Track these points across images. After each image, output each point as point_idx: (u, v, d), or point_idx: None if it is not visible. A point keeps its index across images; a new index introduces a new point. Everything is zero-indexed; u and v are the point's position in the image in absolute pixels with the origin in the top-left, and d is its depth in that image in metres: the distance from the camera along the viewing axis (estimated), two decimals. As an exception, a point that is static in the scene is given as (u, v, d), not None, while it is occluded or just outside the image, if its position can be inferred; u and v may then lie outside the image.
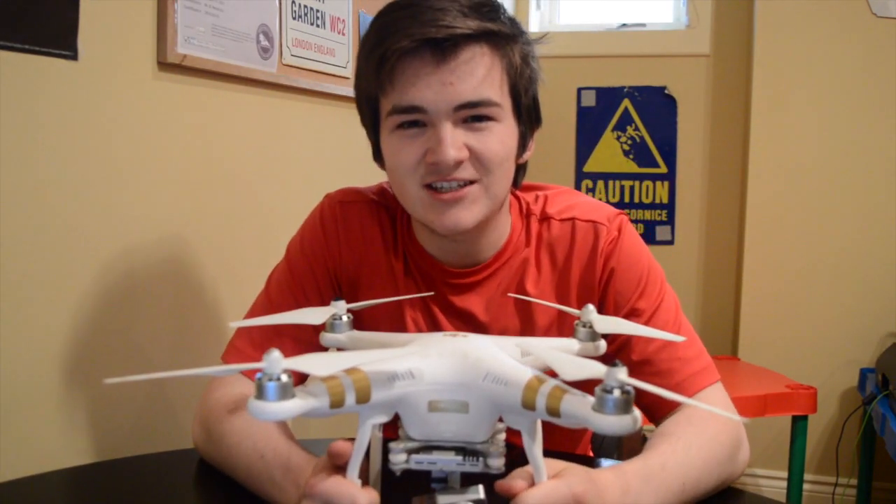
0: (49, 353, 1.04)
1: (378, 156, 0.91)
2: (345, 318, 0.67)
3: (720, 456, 0.82)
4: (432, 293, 0.93)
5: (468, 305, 0.93)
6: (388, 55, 0.80)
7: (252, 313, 0.98)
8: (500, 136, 0.83)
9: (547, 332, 0.93)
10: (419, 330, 0.93)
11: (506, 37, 0.83)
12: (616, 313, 0.90)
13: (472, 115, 0.82)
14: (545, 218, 0.94)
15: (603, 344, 0.66)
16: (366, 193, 0.99)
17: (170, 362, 1.24)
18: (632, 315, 0.90)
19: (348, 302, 0.79)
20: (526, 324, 0.93)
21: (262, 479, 0.76)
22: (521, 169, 0.91)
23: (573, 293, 0.92)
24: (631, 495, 0.69)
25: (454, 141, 0.80)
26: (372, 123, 0.89)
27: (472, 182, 0.83)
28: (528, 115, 0.88)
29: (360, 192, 0.99)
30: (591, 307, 0.66)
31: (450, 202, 0.83)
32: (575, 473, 0.62)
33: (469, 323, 0.93)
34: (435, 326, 0.94)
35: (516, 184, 0.92)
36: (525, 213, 0.95)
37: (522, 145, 0.89)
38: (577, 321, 0.66)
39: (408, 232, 0.96)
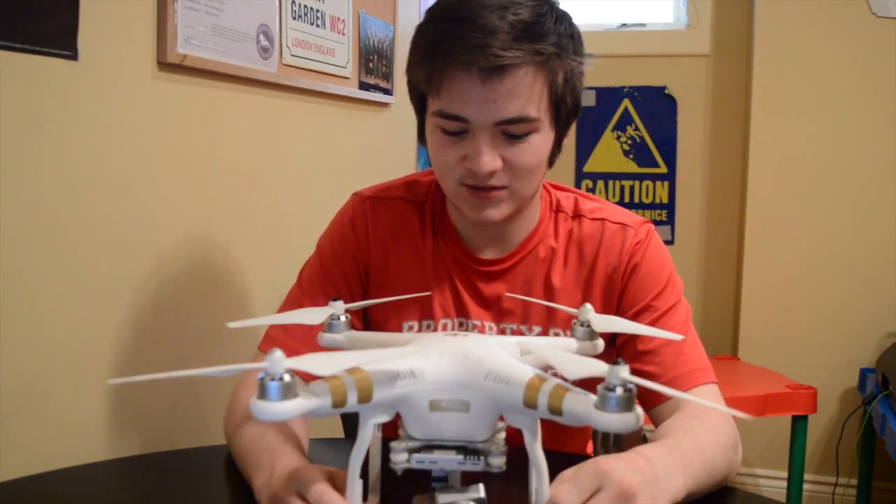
0: (50, 353, 1.04)
1: (422, 137, 0.95)
2: (343, 318, 0.68)
3: (726, 442, 0.85)
4: (429, 293, 0.97)
5: (495, 293, 0.98)
6: (435, 72, 0.84)
7: (287, 305, 1.02)
8: (536, 147, 0.88)
9: (568, 322, 0.95)
10: (446, 315, 0.98)
11: (552, 57, 0.85)
12: (631, 308, 0.95)
13: (512, 131, 0.85)
14: (577, 215, 1.00)
15: (601, 343, 0.66)
16: (393, 190, 1.03)
17: (173, 361, 1.24)
18: (645, 310, 0.95)
19: (377, 294, 0.80)
20: (550, 313, 0.97)
21: (250, 459, 0.78)
22: (555, 151, 0.95)
23: (598, 288, 0.97)
24: (657, 465, 0.69)
25: (490, 154, 0.85)
26: (419, 109, 0.94)
27: (503, 187, 0.88)
28: (566, 120, 0.92)
29: (389, 189, 1.04)
30: (588, 306, 0.67)
31: (482, 199, 0.89)
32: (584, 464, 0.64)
33: (495, 309, 0.98)
34: (463, 312, 0.98)
35: (551, 163, 0.96)
36: (555, 207, 1.01)
37: (558, 143, 0.93)
38: (574, 320, 0.67)
39: (441, 219, 1.01)
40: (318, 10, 1.59)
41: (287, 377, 0.47)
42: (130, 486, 0.86)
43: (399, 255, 1.00)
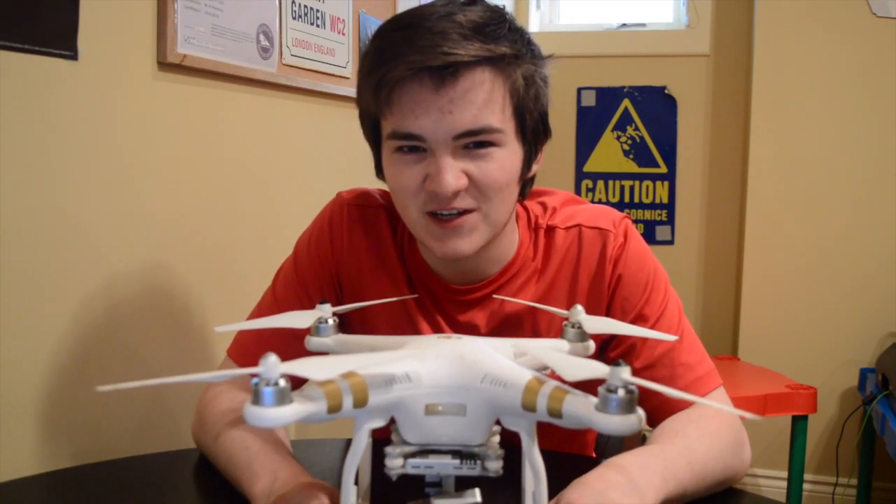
0: (49, 354, 1.04)
1: (380, 171, 0.90)
2: (330, 321, 0.66)
3: (723, 446, 0.82)
4: (416, 296, 0.93)
5: (473, 321, 0.93)
6: (384, 82, 0.78)
7: (259, 309, 0.99)
8: (501, 163, 0.81)
9: None
10: None
11: (508, 59, 0.79)
12: (623, 318, 0.90)
13: (473, 142, 0.79)
14: (551, 229, 0.93)
15: (591, 344, 0.66)
16: (377, 199, 0.98)
17: (169, 364, 1.24)
18: (638, 320, 0.90)
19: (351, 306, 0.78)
20: (535, 333, 0.93)
21: (240, 465, 0.76)
22: (528, 182, 0.90)
23: (582, 301, 0.91)
24: (631, 471, 0.69)
25: (453, 171, 0.78)
26: (373, 139, 0.88)
27: (471, 210, 0.81)
28: (533, 134, 0.85)
29: (372, 197, 0.98)
30: (579, 307, 0.66)
31: (449, 229, 0.81)
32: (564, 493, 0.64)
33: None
34: None
35: (523, 195, 0.90)
36: (534, 225, 0.94)
37: (528, 163, 0.87)
38: (565, 322, 0.66)
39: (409, 247, 0.95)
40: (318, 10, 1.59)
41: (282, 382, 0.46)
42: (100, 492, 0.84)
43: (375, 274, 0.95)
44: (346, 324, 0.94)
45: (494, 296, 0.91)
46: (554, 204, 0.96)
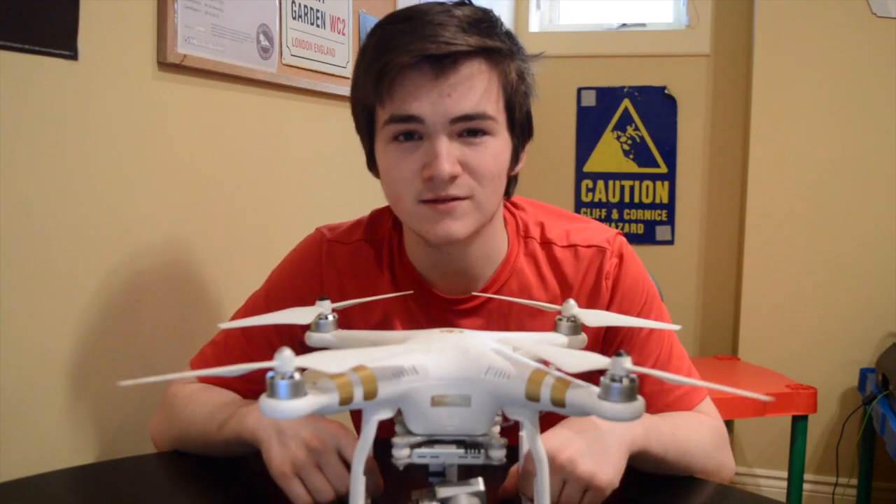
0: (49, 355, 1.04)
1: (372, 164, 0.92)
2: (330, 317, 0.68)
3: (706, 435, 0.88)
4: (412, 291, 0.94)
5: (472, 328, 0.93)
6: (387, 69, 0.80)
7: (225, 341, 1.01)
8: (494, 151, 0.84)
9: None
10: None
11: (503, 53, 0.84)
12: (616, 334, 0.93)
13: (468, 128, 0.82)
14: (546, 242, 0.95)
15: (584, 337, 0.67)
16: (355, 232, 0.99)
17: (171, 363, 1.24)
18: (630, 336, 0.93)
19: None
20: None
21: (224, 408, 0.84)
22: (512, 180, 0.92)
23: None
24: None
25: (449, 156, 0.81)
26: (367, 133, 0.90)
27: (463, 198, 0.84)
28: (521, 130, 0.89)
29: (350, 231, 0.99)
30: (571, 302, 0.68)
31: (442, 211, 0.83)
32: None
33: None
34: None
35: (508, 194, 0.92)
36: (523, 233, 0.96)
37: (515, 158, 0.89)
38: (558, 316, 0.68)
39: (400, 260, 0.96)
40: (318, 10, 1.59)
41: (297, 376, 0.48)
42: (100, 492, 0.85)
43: (364, 303, 0.94)
44: None
45: (476, 293, 0.92)
46: (540, 217, 0.97)
